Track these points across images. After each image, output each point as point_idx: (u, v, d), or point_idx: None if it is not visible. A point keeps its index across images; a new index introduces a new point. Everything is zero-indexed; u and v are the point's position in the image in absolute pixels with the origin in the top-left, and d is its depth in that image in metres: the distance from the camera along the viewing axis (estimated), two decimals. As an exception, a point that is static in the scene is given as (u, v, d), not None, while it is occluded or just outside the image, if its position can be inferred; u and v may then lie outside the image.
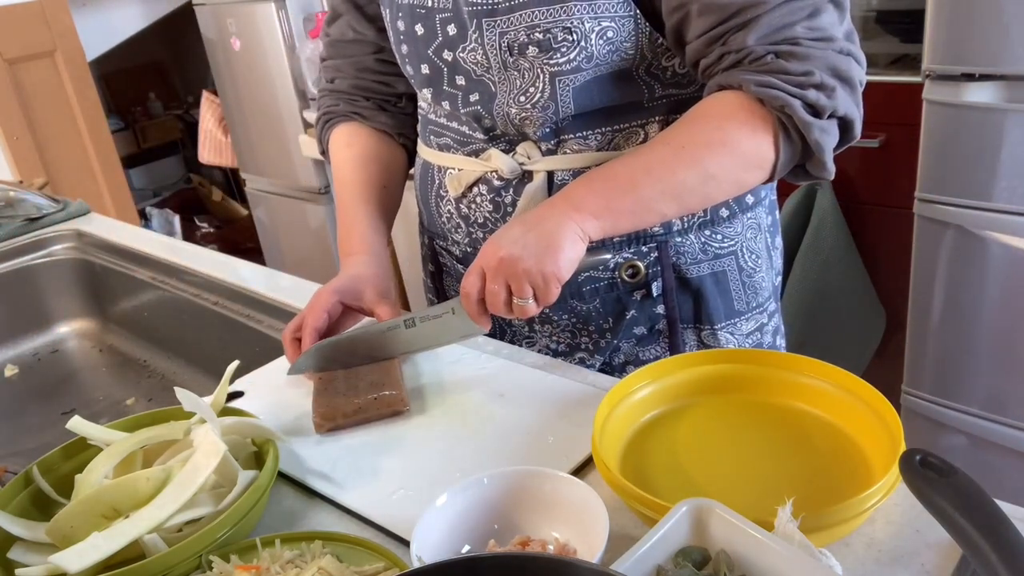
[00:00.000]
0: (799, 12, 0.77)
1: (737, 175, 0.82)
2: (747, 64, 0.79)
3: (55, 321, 1.53)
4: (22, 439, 1.24)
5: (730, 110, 0.80)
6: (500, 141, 0.94)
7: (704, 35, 0.80)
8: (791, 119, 0.78)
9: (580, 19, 0.82)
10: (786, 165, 0.82)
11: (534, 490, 0.66)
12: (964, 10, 1.56)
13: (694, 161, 0.80)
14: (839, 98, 0.78)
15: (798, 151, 0.80)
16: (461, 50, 0.89)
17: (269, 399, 0.92)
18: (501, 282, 0.79)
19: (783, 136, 0.79)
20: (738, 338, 1.01)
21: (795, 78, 0.77)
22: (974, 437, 1.86)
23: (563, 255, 0.78)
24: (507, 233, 0.80)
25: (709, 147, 0.80)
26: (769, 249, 1.03)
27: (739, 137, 0.79)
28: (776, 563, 0.52)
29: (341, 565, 0.63)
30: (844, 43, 0.79)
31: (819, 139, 0.78)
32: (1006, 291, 1.70)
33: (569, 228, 0.79)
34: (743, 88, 0.79)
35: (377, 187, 1.05)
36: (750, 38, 0.78)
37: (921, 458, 0.55)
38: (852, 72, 0.79)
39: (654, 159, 0.81)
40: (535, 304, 0.80)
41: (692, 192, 0.81)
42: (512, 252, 0.78)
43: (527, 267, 0.77)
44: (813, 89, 0.77)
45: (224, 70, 3.18)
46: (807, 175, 0.84)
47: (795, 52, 0.77)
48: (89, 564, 0.62)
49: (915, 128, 1.72)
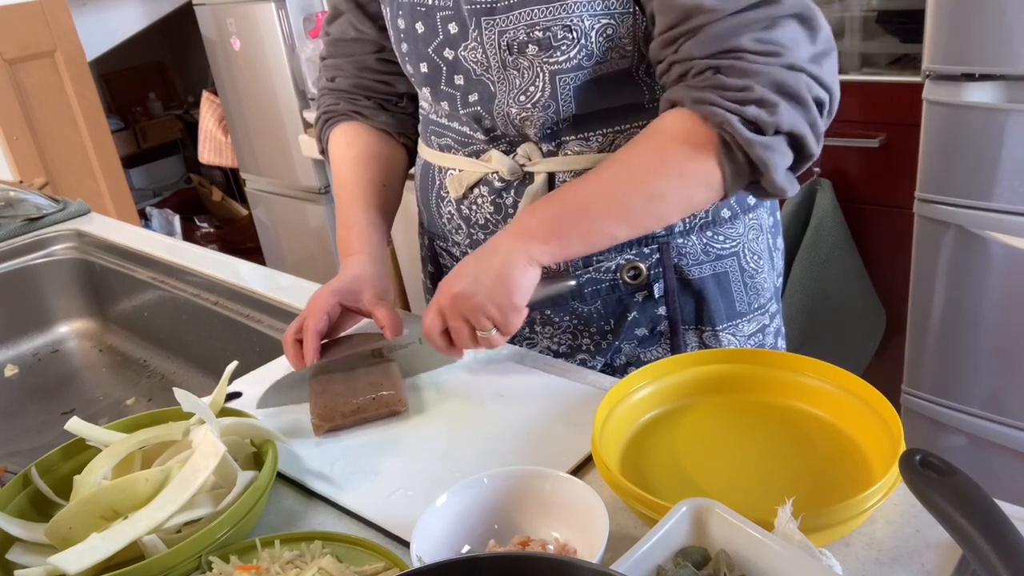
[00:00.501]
0: (753, 24, 0.75)
1: (684, 194, 0.81)
2: (690, 78, 0.78)
3: (55, 321, 1.53)
4: (22, 439, 1.24)
5: (674, 130, 0.79)
6: (501, 142, 0.94)
7: (660, 36, 0.80)
8: (732, 136, 0.76)
9: (580, 17, 0.82)
10: (735, 182, 0.79)
11: (534, 490, 0.66)
12: (964, 10, 1.56)
13: (639, 183, 0.80)
14: (782, 114, 0.75)
15: (744, 168, 0.78)
16: (463, 48, 0.89)
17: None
18: (459, 318, 0.81)
19: (725, 153, 0.77)
20: (740, 339, 1.00)
21: (733, 93, 0.75)
22: (974, 437, 1.86)
23: (514, 285, 0.79)
24: (460, 269, 0.82)
25: (653, 169, 0.80)
26: (771, 250, 1.03)
27: (681, 158, 0.79)
28: (776, 563, 0.52)
29: (341, 565, 0.63)
30: (798, 60, 0.76)
31: (763, 156, 0.76)
32: (1006, 291, 1.69)
33: (517, 257, 0.80)
34: (684, 105, 0.78)
35: (377, 186, 1.05)
36: (696, 48, 0.77)
37: (921, 458, 0.55)
38: (799, 88, 0.75)
39: (602, 182, 0.81)
40: (499, 335, 0.82)
41: (641, 213, 0.81)
42: (464, 288, 0.80)
43: (480, 302, 0.79)
44: (753, 105, 0.75)
45: (224, 70, 3.18)
46: (765, 193, 0.81)
47: (735, 66, 0.75)
48: (88, 565, 0.62)
49: (915, 128, 1.72)
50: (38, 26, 2.75)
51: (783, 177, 0.79)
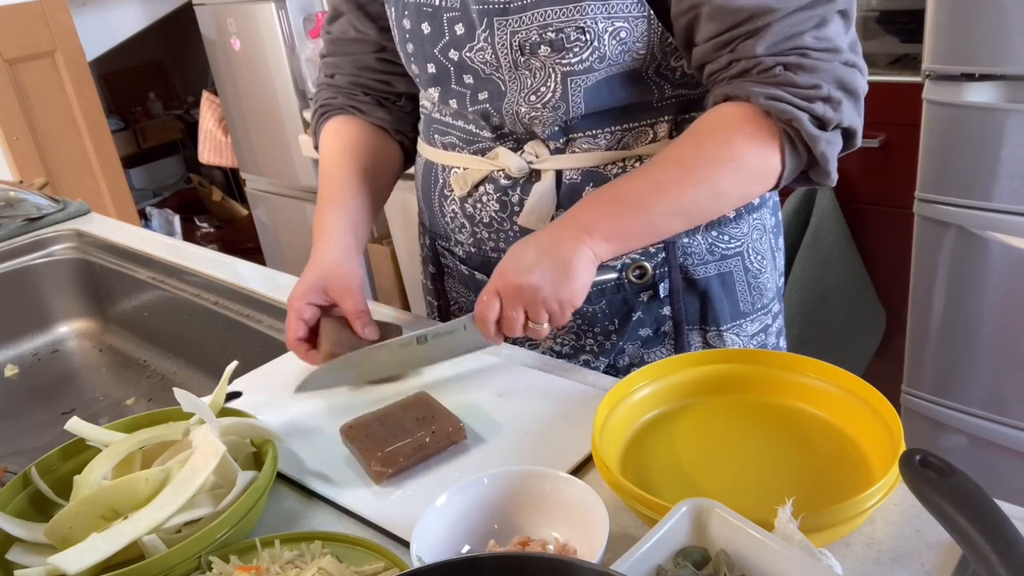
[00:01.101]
0: (808, 22, 0.77)
1: (745, 189, 0.82)
2: (755, 74, 0.79)
3: (55, 321, 1.53)
4: (22, 439, 1.24)
5: (737, 124, 0.80)
6: (508, 139, 0.94)
7: (712, 39, 0.80)
8: (798, 132, 0.78)
9: (594, 19, 0.82)
10: (791, 175, 0.82)
11: (534, 490, 0.66)
12: (964, 10, 1.56)
13: (703, 179, 0.80)
14: (845, 110, 0.78)
15: (803, 162, 0.81)
16: (468, 49, 0.88)
17: (268, 399, 0.92)
18: (519, 309, 0.80)
19: (789, 148, 0.80)
20: (743, 339, 1.01)
21: (803, 91, 0.77)
22: (974, 437, 1.86)
23: (579, 282, 0.79)
24: (523, 257, 0.80)
25: (718, 164, 0.80)
26: (773, 250, 1.03)
27: (746, 152, 0.80)
28: (776, 563, 0.52)
29: (341, 565, 0.63)
30: (849, 54, 0.79)
31: (825, 150, 0.79)
32: (1006, 291, 1.69)
33: (583, 254, 0.79)
34: (751, 100, 0.79)
35: (358, 170, 1.03)
36: (759, 47, 0.77)
37: (921, 458, 0.55)
38: (857, 83, 0.79)
39: (664, 179, 0.81)
40: (548, 327, 0.81)
41: (701, 209, 0.83)
42: (532, 281, 0.78)
43: (545, 295, 0.79)
44: (821, 102, 0.77)
45: (224, 70, 3.18)
46: (809, 181, 0.84)
47: (803, 64, 0.77)
48: (88, 565, 0.62)
49: (915, 128, 1.72)
50: (38, 26, 2.75)
51: (834, 167, 0.82)
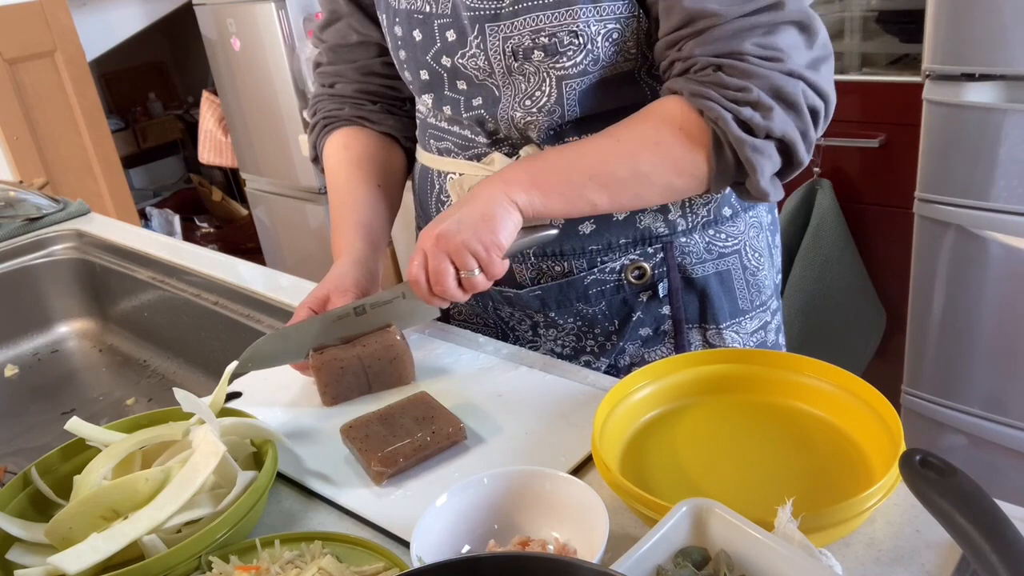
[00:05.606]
0: (755, 29, 0.77)
1: (668, 178, 0.82)
2: (691, 73, 0.80)
3: (55, 321, 1.53)
4: (22, 439, 1.24)
5: (671, 115, 0.81)
6: (503, 144, 0.94)
7: (665, 37, 0.81)
8: (724, 133, 0.78)
9: (586, 22, 0.82)
10: (721, 179, 0.82)
11: (534, 490, 0.66)
12: (964, 10, 1.56)
13: (626, 154, 0.81)
14: (775, 119, 0.77)
15: (731, 167, 0.80)
16: (460, 56, 0.88)
17: (268, 399, 0.92)
18: (443, 257, 0.80)
19: (715, 149, 0.80)
20: (743, 337, 1.01)
21: (731, 92, 0.77)
22: (974, 437, 1.86)
23: (498, 223, 0.80)
24: (441, 215, 0.83)
25: (643, 144, 0.81)
26: (770, 247, 1.04)
27: (673, 142, 0.80)
28: (776, 563, 0.52)
29: (341, 565, 0.63)
30: (797, 66, 0.77)
31: (751, 157, 0.78)
32: (1006, 291, 1.70)
33: (500, 199, 0.81)
34: (682, 95, 0.79)
35: (371, 187, 1.04)
36: (698, 48, 0.78)
37: (921, 458, 0.55)
38: (797, 96, 0.77)
39: (589, 148, 0.83)
40: (483, 276, 0.81)
41: (623, 185, 0.82)
42: (447, 227, 0.80)
43: (465, 239, 0.79)
44: (749, 107, 0.76)
45: (224, 70, 3.18)
46: (748, 195, 0.83)
47: (737, 67, 0.77)
48: (88, 565, 0.62)
49: (915, 128, 1.73)
50: (38, 26, 2.75)
51: (768, 181, 0.80)
